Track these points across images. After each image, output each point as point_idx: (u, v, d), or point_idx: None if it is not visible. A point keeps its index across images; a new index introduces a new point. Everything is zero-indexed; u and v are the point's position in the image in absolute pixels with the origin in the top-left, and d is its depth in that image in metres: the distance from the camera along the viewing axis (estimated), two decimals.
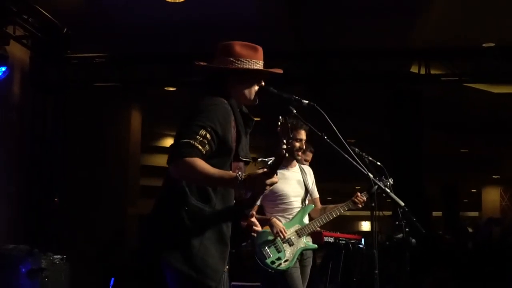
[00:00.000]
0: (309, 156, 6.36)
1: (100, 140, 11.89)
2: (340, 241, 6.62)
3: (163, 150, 16.17)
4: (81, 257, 8.96)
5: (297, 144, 5.68)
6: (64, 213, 9.39)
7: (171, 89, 11.81)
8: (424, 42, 9.86)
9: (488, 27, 9.51)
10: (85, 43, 9.73)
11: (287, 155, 3.20)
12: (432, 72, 9.70)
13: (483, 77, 10.07)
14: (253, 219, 3.57)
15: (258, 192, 3.33)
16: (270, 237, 5.49)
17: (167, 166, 3.42)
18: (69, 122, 9.93)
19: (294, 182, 5.69)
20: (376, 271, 3.85)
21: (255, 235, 3.59)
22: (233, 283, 7.52)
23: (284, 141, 3.15)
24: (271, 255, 5.47)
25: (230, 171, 3.37)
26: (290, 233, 5.57)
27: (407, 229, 4.89)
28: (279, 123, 3.21)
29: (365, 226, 32.89)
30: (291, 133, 3.18)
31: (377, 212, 4.15)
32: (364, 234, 7.67)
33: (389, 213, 5.70)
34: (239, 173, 3.23)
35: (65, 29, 9.27)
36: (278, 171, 5.35)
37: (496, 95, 12.48)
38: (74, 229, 9.92)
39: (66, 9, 8.84)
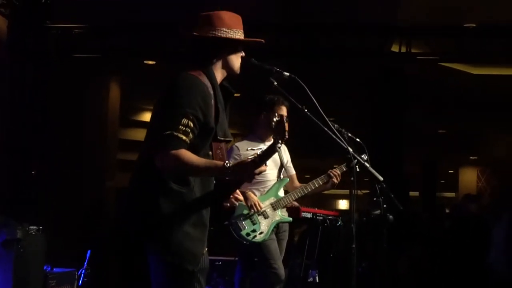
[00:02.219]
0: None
1: (78, 112, 11.79)
2: (318, 217, 6.62)
3: (142, 124, 16.09)
4: (58, 229, 8.91)
5: None
6: (41, 184, 9.33)
7: (150, 62, 11.73)
8: (406, 21, 9.85)
9: (469, 7, 9.50)
10: (65, 13, 9.61)
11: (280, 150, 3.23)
12: (413, 51, 9.73)
13: (463, 57, 10.11)
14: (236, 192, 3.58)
15: (246, 180, 3.32)
16: (245, 210, 5.52)
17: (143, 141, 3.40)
18: (47, 93, 9.82)
19: None
20: (354, 245, 3.86)
21: (237, 203, 3.60)
22: (210, 257, 7.52)
23: (278, 140, 3.20)
24: (246, 227, 5.50)
25: (216, 161, 3.34)
26: (265, 206, 5.59)
27: (384, 206, 4.91)
28: (275, 119, 3.25)
29: (342, 204, 33.04)
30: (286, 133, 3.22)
31: (355, 189, 4.15)
32: (341, 212, 7.68)
33: (367, 191, 5.72)
34: (227, 162, 3.22)
35: None
36: (253, 144, 5.42)
37: (475, 76, 12.53)
38: (51, 200, 9.86)
39: None
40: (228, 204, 3.54)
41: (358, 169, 4.15)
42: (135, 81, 13.50)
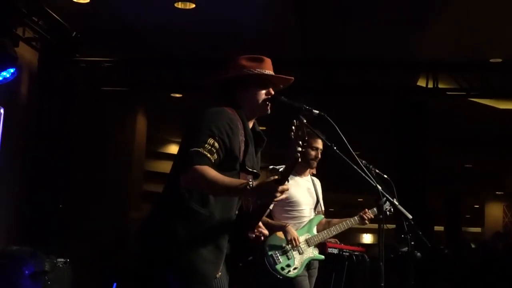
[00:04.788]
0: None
1: (105, 144, 11.89)
2: (344, 253, 6.59)
3: (168, 156, 16.18)
4: (83, 261, 8.94)
5: (313, 153, 5.64)
6: (67, 215, 9.39)
7: (177, 95, 11.83)
8: (431, 57, 9.87)
9: (495, 43, 9.51)
10: (94, 46, 9.75)
11: (300, 160, 3.11)
12: (440, 86, 9.73)
13: (490, 92, 10.09)
14: (260, 226, 3.55)
15: (269, 200, 3.25)
16: (282, 243, 5.49)
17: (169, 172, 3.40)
18: (75, 125, 9.93)
19: (305, 190, 5.68)
20: (382, 284, 3.83)
21: (263, 238, 3.56)
22: None
23: (300, 144, 3.05)
24: (281, 261, 5.47)
25: (240, 179, 3.31)
26: (300, 241, 5.57)
27: (412, 243, 4.88)
28: (293, 126, 3.12)
29: (367, 238, 32.80)
30: (306, 138, 3.09)
31: (383, 227, 4.12)
32: (366, 246, 7.65)
33: (393, 226, 5.68)
34: (250, 180, 3.18)
35: (74, 33, 9.29)
36: (291, 177, 5.28)
37: (501, 111, 12.49)
38: (77, 232, 9.91)
39: (76, 12, 8.85)
40: (254, 235, 3.49)
41: (391, 210, 4.12)
42: (162, 114, 13.62)
